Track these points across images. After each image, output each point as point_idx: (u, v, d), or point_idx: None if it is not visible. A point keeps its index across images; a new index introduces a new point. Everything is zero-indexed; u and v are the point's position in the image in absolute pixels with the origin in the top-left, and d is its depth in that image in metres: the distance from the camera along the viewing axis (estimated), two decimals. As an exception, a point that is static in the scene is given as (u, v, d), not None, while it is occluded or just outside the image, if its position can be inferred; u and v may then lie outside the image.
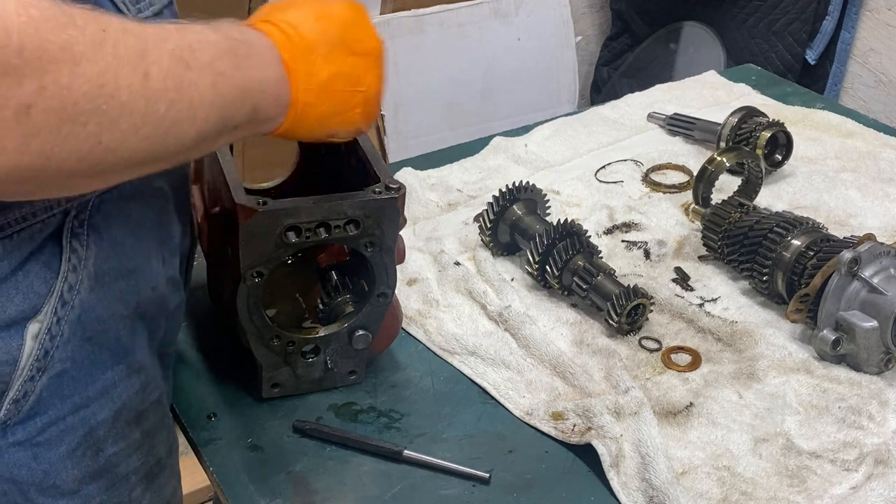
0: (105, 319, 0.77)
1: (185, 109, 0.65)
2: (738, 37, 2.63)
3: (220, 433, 0.99)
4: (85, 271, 0.74)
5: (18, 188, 0.61)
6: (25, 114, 0.56)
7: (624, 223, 1.32)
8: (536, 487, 0.93)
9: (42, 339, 0.72)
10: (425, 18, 2.47)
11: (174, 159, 0.69)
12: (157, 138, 0.64)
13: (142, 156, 0.65)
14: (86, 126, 0.59)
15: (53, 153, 0.58)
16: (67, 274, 0.73)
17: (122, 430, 0.80)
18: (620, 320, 1.09)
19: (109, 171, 0.64)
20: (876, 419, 0.98)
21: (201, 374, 1.07)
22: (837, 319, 1.04)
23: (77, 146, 0.59)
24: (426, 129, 2.51)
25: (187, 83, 0.65)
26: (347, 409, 1.02)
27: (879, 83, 2.59)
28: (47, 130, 0.57)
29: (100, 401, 0.77)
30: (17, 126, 0.56)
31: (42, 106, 0.56)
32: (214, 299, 1.09)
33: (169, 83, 0.64)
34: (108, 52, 0.60)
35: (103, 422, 0.78)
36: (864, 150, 1.48)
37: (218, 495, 0.95)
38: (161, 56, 0.63)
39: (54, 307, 0.72)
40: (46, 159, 0.58)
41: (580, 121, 1.60)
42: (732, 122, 1.43)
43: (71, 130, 0.58)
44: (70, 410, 0.75)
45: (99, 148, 0.61)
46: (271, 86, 0.75)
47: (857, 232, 1.15)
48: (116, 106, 0.60)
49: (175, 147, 0.67)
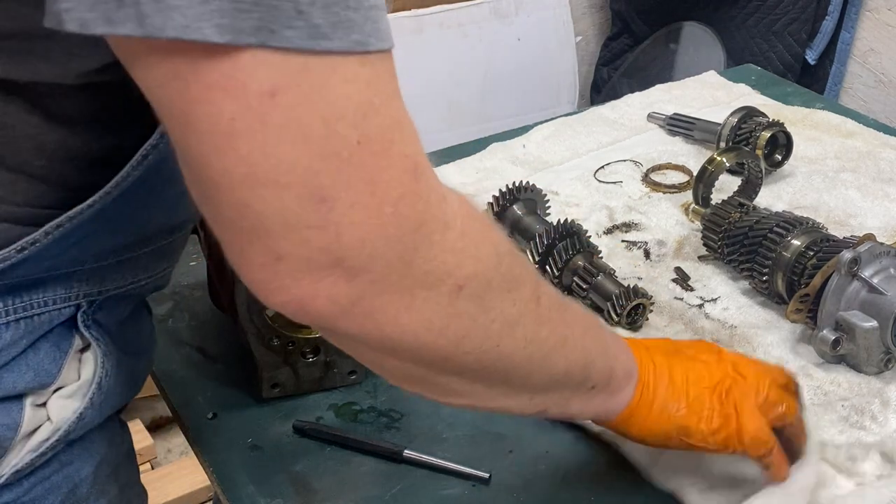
0: (117, 394, 0.79)
1: (560, 344, 0.69)
2: (738, 37, 2.63)
3: (220, 433, 0.99)
4: (110, 360, 0.76)
5: (414, 366, 0.63)
6: (457, 294, 0.58)
7: (624, 223, 1.32)
8: (536, 487, 0.93)
9: (70, 421, 0.74)
10: (425, 18, 2.47)
11: (523, 396, 0.71)
12: (534, 362, 0.68)
13: (510, 376, 0.67)
14: (493, 324, 0.62)
15: (461, 341, 0.61)
16: (105, 360, 0.75)
17: (103, 485, 0.80)
18: (620, 320, 1.09)
19: (480, 379, 0.66)
20: (878, 419, 0.98)
21: (201, 374, 1.07)
22: (837, 319, 1.04)
23: (481, 342, 0.62)
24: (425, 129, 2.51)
25: (565, 319, 0.70)
26: (347, 409, 1.02)
27: (879, 83, 2.59)
28: (468, 316, 0.60)
29: (82, 456, 0.78)
30: (449, 305, 0.58)
31: (469, 291, 0.59)
32: (214, 299, 1.09)
33: (554, 313, 0.69)
34: (524, 264, 0.66)
35: (86, 478, 0.78)
36: (864, 150, 1.48)
37: (218, 495, 0.95)
38: (546, 289, 0.69)
39: (91, 395, 0.74)
40: (455, 345, 0.61)
41: (580, 121, 1.60)
42: (732, 122, 1.43)
43: (484, 324, 0.61)
44: (55, 469, 0.75)
45: (494, 351, 0.64)
46: (623, 356, 0.79)
47: (857, 232, 1.15)
48: (517, 314, 0.64)
49: (540, 378, 0.70)
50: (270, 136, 0.50)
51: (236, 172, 0.51)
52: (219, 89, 0.49)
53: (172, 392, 1.05)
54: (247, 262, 0.55)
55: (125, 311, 0.78)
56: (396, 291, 0.56)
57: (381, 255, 0.54)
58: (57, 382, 0.73)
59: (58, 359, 0.72)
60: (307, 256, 0.53)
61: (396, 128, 0.54)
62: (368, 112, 0.52)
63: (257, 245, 0.53)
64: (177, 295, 1.18)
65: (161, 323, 1.13)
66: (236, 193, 0.52)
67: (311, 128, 0.51)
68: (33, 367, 0.71)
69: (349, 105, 0.51)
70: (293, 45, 0.49)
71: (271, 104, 0.50)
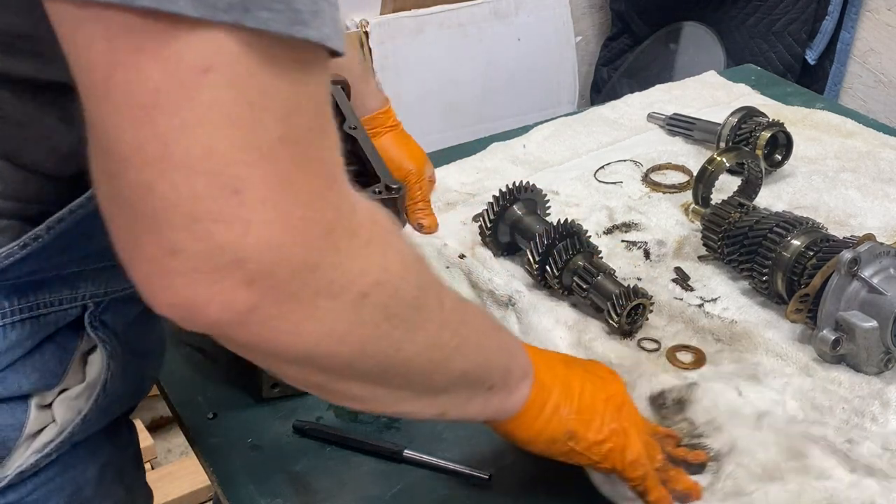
0: (123, 397, 0.78)
1: (461, 345, 0.69)
2: (738, 37, 2.63)
3: (220, 433, 0.99)
4: (116, 362, 0.76)
5: (313, 373, 0.62)
6: (361, 302, 0.57)
7: (624, 223, 1.32)
8: (536, 487, 0.93)
9: (74, 423, 0.74)
10: (425, 18, 2.47)
11: (424, 398, 0.71)
12: (436, 364, 0.67)
13: (411, 379, 0.67)
14: (395, 330, 0.61)
15: (364, 348, 0.60)
16: (110, 360, 0.75)
17: (108, 487, 0.80)
18: (621, 320, 1.09)
19: (381, 384, 0.65)
20: (878, 420, 0.98)
21: (201, 374, 1.07)
22: (837, 319, 1.04)
23: (384, 348, 0.61)
24: (426, 129, 2.51)
25: (466, 320, 0.70)
26: (347, 409, 1.02)
27: (879, 83, 2.59)
28: (372, 324, 0.59)
29: (87, 459, 0.77)
30: (353, 312, 0.57)
31: (374, 299, 0.58)
32: (214, 299, 1.09)
33: (455, 316, 0.68)
34: (428, 270, 0.66)
35: (90, 480, 0.78)
36: (864, 150, 1.48)
37: (218, 495, 0.95)
38: (448, 293, 0.69)
39: (96, 396, 0.74)
40: (357, 352, 0.60)
41: (580, 121, 1.60)
42: (732, 122, 1.43)
43: (386, 331, 0.60)
44: (59, 471, 0.75)
45: (396, 356, 0.63)
46: (520, 357, 0.79)
47: (857, 232, 1.15)
48: (420, 320, 0.64)
49: (441, 380, 0.70)
50: (194, 114, 0.47)
51: (149, 150, 0.47)
52: (149, 55, 0.46)
53: (172, 392, 1.05)
54: (137, 254, 0.51)
55: (133, 312, 0.78)
56: (298, 300, 0.53)
57: (286, 259, 0.51)
58: (62, 384, 0.73)
59: (63, 360, 0.72)
60: (206, 253, 0.49)
61: (320, 132, 0.52)
62: (297, 111, 0.50)
63: (152, 235, 0.49)
64: (177, 295, 1.18)
65: (161, 323, 1.13)
66: (144, 173, 0.48)
67: (238, 114, 0.48)
68: (39, 368, 0.71)
69: (280, 98, 0.49)
70: (270, 29, 0.47)
71: (203, 80, 0.46)
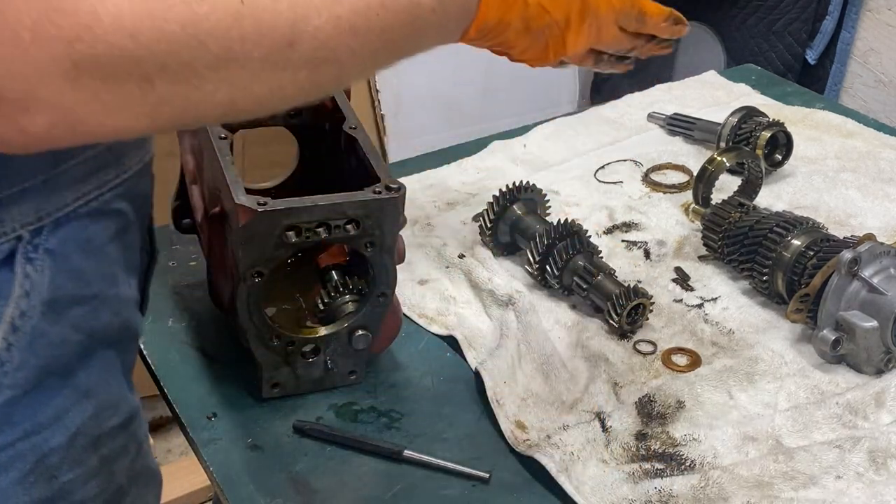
0: (57, 345, 0.73)
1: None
2: (738, 37, 2.63)
3: (220, 433, 0.99)
4: (38, 297, 0.71)
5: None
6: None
7: (624, 223, 1.32)
8: (536, 487, 0.93)
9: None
10: (425, 18, 2.47)
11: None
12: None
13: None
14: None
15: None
16: (19, 300, 0.70)
17: (79, 455, 0.77)
18: (621, 320, 1.09)
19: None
20: (870, 419, 0.98)
21: (201, 374, 1.07)
22: (837, 319, 1.04)
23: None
24: (426, 129, 2.51)
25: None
26: (347, 409, 1.02)
27: (879, 83, 2.59)
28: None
29: (52, 427, 0.74)
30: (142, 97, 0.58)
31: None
32: (214, 299, 1.09)
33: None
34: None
35: (57, 448, 0.75)
36: (864, 150, 1.48)
37: (218, 495, 0.95)
38: None
39: (4, 334, 0.70)
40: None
41: (580, 121, 1.60)
42: (732, 122, 1.43)
43: None
44: (20, 436, 0.72)
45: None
46: None
47: (857, 232, 1.15)
48: None
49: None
50: None
51: None
52: None
53: (172, 392, 1.05)
54: None
55: (85, 234, 0.73)
56: (88, 94, 0.56)
57: (37, 84, 0.54)
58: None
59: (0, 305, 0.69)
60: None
61: None
62: None
63: None
64: (177, 295, 1.18)
65: (161, 323, 1.13)
66: None
67: None
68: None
69: None
70: None
71: None
